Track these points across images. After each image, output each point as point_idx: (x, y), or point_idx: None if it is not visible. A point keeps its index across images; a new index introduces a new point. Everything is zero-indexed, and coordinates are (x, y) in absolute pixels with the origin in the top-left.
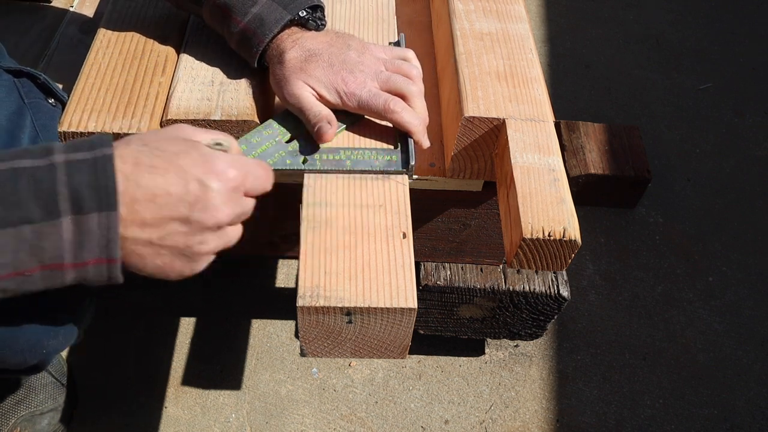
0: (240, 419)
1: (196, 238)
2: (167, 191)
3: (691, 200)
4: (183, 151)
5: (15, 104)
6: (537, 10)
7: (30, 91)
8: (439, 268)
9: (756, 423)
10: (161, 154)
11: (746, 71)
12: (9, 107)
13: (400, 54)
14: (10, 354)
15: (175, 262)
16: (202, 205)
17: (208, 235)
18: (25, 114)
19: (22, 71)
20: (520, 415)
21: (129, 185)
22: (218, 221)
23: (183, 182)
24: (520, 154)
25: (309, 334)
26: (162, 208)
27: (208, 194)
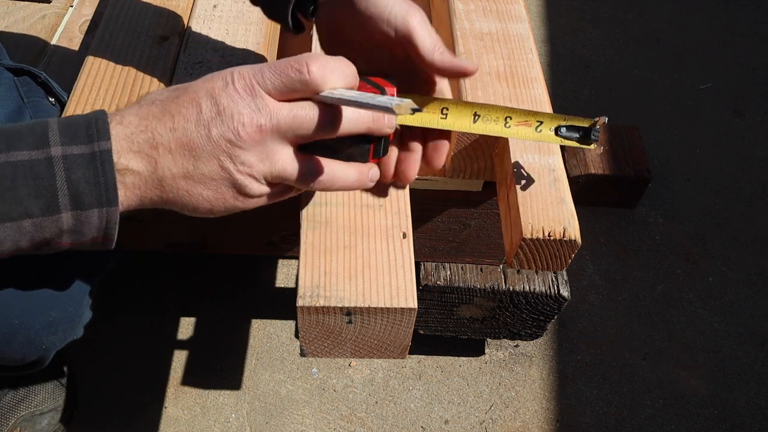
0: (240, 419)
1: (228, 158)
2: (183, 116)
3: (691, 200)
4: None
5: (14, 103)
6: (537, 10)
7: (30, 90)
8: (439, 268)
9: (756, 423)
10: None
11: (746, 71)
12: (8, 106)
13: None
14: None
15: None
16: (219, 120)
17: (241, 152)
18: (24, 113)
19: (22, 69)
20: (520, 415)
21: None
22: (243, 134)
23: (195, 103)
24: (520, 154)
25: (309, 334)
26: (184, 135)
27: (220, 107)
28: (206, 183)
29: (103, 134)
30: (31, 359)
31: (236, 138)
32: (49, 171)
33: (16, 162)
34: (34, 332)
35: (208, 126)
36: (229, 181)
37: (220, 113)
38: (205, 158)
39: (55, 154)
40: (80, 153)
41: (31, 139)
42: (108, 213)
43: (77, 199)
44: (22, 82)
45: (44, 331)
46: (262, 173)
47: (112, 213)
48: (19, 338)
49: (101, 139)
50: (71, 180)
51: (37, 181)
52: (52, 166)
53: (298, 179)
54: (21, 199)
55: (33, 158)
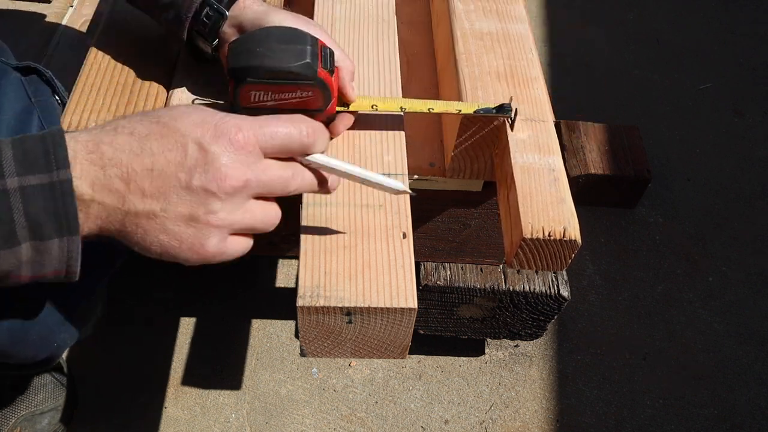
0: (240, 419)
1: (201, 208)
2: (165, 158)
3: (691, 200)
4: (184, 113)
5: (23, 103)
6: (537, 10)
7: (37, 89)
8: (439, 268)
9: (756, 423)
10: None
11: (746, 71)
12: (17, 106)
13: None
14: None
15: (182, 237)
16: (202, 169)
17: (216, 203)
18: (32, 112)
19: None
20: (520, 415)
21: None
22: (225, 187)
23: (181, 146)
24: (520, 154)
25: (309, 334)
26: (160, 177)
27: (209, 156)
28: (168, 227)
29: (62, 162)
30: (42, 357)
31: (217, 189)
32: (4, 203)
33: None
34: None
35: (191, 173)
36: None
37: (208, 163)
38: (175, 202)
39: (10, 186)
40: (38, 183)
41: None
42: (69, 243)
43: (36, 231)
44: (29, 81)
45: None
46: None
47: (73, 243)
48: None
49: (60, 167)
50: (29, 212)
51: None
52: (8, 198)
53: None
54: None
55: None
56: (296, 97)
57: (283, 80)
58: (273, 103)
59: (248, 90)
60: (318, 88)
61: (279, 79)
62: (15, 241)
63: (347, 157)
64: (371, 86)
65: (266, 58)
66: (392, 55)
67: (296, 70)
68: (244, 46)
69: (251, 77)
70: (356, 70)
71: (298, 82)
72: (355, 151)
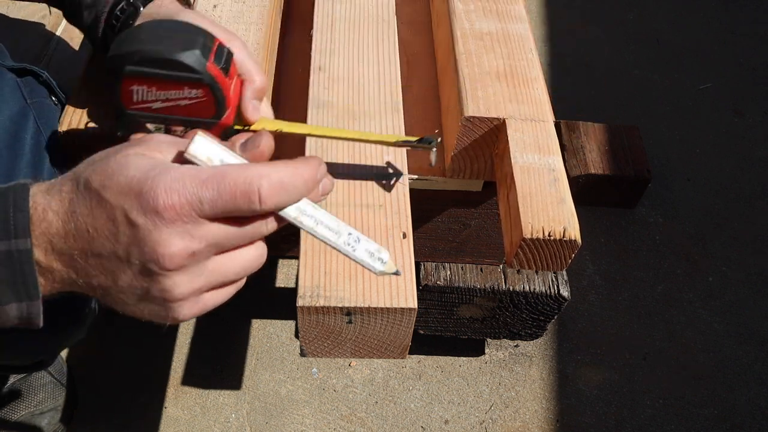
0: (240, 419)
1: (153, 286)
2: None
3: (691, 200)
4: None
5: (18, 104)
6: (537, 10)
7: (32, 90)
8: (439, 268)
9: (756, 423)
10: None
11: (746, 71)
12: (12, 108)
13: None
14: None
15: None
16: (136, 247)
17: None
18: (28, 114)
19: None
20: (520, 415)
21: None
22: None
23: (111, 221)
24: (520, 154)
25: (309, 334)
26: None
27: (139, 232)
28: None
29: (21, 231)
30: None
31: (159, 269)
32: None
33: None
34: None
35: (127, 251)
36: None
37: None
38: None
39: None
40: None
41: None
42: (28, 306)
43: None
44: (25, 82)
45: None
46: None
47: (33, 306)
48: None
49: (19, 236)
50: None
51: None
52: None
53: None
54: None
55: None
56: (185, 98)
57: (167, 72)
58: (160, 106)
59: (129, 84)
60: (208, 87)
61: (162, 69)
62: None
63: (347, 158)
64: (371, 86)
65: (148, 44)
66: (392, 55)
67: (181, 58)
68: (129, 35)
69: (130, 65)
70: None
71: (183, 76)
72: (355, 150)
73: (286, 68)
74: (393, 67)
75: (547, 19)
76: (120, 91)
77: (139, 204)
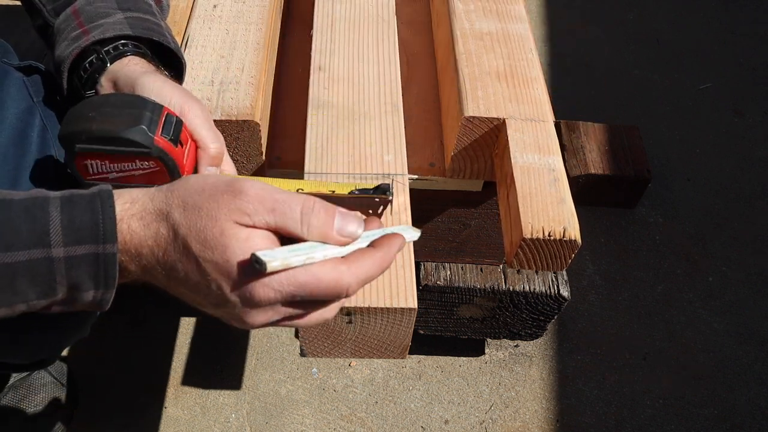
0: (240, 419)
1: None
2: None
3: (691, 200)
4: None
5: (25, 102)
6: (537, 10)
7: (38, 89)
8: (439, 268)
9: (756, 423)
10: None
11: (746, 71)
12: (19, 105)
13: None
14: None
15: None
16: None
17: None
18: (34, 112)
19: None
20: (520, 415)
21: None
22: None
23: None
24: (520, 154)
25: (309, 334)
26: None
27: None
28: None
29: (110, 237)
30: (41, 356)
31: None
32: (48, 269)
33: (14, 263)
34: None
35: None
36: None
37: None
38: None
39: (56, 255)
40: (84, 253)
41: (30, 237)
42: (104, 293)
43: (75, 287)
44: (32, 81)
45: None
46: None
47: (108, 293)
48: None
49: (107, 241)
50: (71, 276)
51: (35, 277)
52: (52, 265)
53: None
54: (18, 292)
55: (32, 258)
56: (138, 169)
57: (116, 148)
58: (117, 176)
59: (82, 160)
60: (158, 158)
61: (111, 145)
62: (52, 294)
63: (347, 158)
64: (371, 86)
65: (95, 122)
66: (392, 55)
67: (127, 135)
68: (77, 112)
69: (80, 143)
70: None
71: (132, 151)
72: (355, 150)
73: (286, 68)
74: (393, 67)
75: (547, 19)
76: (75, 165)
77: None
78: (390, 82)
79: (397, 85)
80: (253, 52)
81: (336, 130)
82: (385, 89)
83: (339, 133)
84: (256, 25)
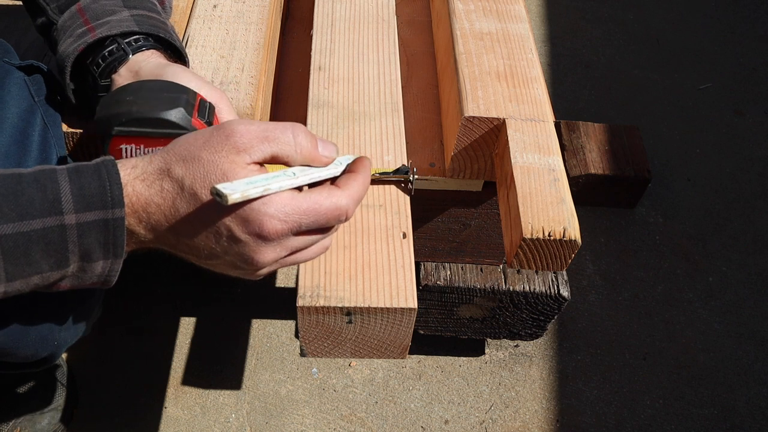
0: (240, 419)
1: (242, 267)
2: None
3: (691, 200)
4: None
5: (26, 102)
6: (537, 10)
7: (39, 88)
8: (439, 268)
9: (756, 423)
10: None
11: (746, 71)
12: (20, 105)
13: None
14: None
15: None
16: (236, 253)
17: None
18: (35, 111)
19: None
20: (520, 415)
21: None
22: (260, 268)
23: (215, 233)
24: (520, 154)
25: (309, 334)
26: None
27: (240, 246)
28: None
29: (117, 202)
30: (42, 355)
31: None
32: (61, 236)
33: (29, 231)
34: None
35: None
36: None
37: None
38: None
39: (68, 222)
40: (94, 219)
41: (42, 205)
42: (112, 263)
43: (86, 256)
44: (33, 80)
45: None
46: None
47: (116, 263)
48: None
49: (116, 206)
50: (83, 243)
51: (48, 246)
52: (65, 232)
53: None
54: (32, 262)
55: (46, 226)
56: None
57: (155, 130)
58: None
59: (117, 143)
60: None
61: (150, 127)
62: (65, 264)
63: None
64: (371, 86)
65: (135, 105)
66: (392, 55)
67: (167, 117)
68: (114, 96)
69: (118, 126)
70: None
71: (170, 132)
72: (355, 150)
73: (286, 68)
74: (393, 67)
75: (547, 19)
76: (109, 149)
77: (245, 227)
78: (390, 82)
79: (397, 85)
80: (253, 52)
81: (336, 130)
82: (385, 89)
83: (339, 133)
84: (256, 25)
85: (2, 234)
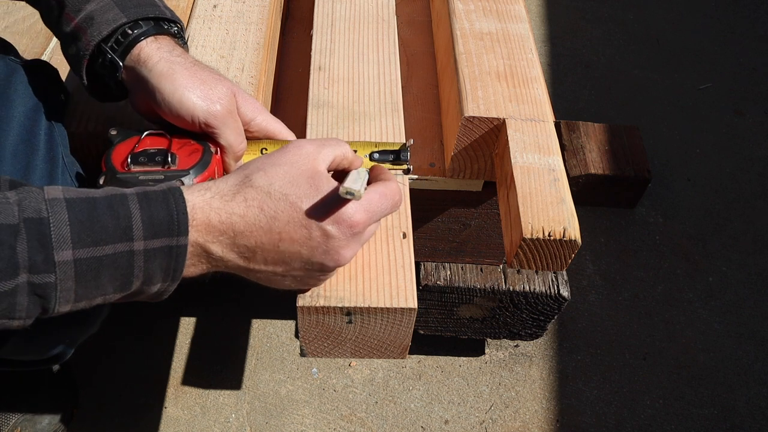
0: (240, 419)
1: (315, 275)
2: (291, 236)
3: (691, 200)
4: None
5: (32, 100)
6: (537, 10)
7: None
8: (439, 268)
9: (756, 423)
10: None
11: (746, 71)
12: (26, 103)
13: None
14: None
15: (292, 286)
16: (323, 251)
17: (330, 273)
18: (40, 110)
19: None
20: (520, 415)
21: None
22: (340, 262)
23: (305, 228)
24: (520, 154)
25: (309, 334)
26: (284, 253)
27: (331, 242)
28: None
29: (183, 230)
30: (53, 353)
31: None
32: (129, 262)
33: (101, 256)
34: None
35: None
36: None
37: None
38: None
39: (137, 249)
40: (160, 246)
41: (115, 232)
42: (168, 286)
43: (148, 280)
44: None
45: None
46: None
47: (172, 286)
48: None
49: (181, 234)
50: (147, 268)
51: (117, 270)
52: (132, 258)
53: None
54: (100, 285)
55: (117, 251)
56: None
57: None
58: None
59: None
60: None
61: None
62: (128, 287)
63: None
64: (371, 86)
65: None
66: (392, 55)
67: None
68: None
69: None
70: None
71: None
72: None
73: (286, 68)
74: (393, 67)
75: (547, 19)
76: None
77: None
78: (390, 82)
79: (397, 85)
80: (253, 52)
81: (336, 129)
82: (385, 89)
83: (339, 133)
84: (256, 25)
85: (78, 258)
